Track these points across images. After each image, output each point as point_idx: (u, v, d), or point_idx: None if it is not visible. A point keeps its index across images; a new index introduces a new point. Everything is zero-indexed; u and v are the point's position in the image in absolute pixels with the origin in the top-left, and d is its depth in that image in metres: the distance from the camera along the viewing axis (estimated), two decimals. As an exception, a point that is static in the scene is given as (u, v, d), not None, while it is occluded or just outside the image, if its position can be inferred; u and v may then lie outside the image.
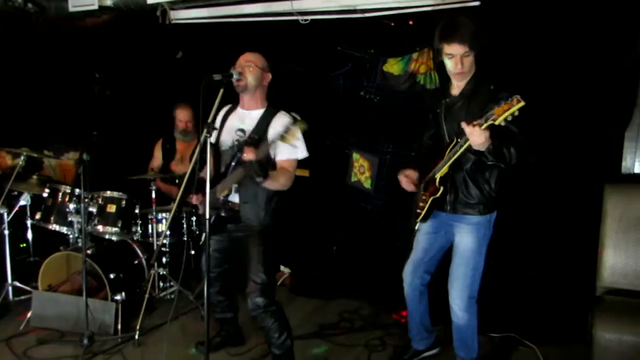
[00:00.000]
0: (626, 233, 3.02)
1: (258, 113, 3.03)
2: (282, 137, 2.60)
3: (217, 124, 3.09)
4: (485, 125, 2.50)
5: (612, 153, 3.47)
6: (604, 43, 3.38)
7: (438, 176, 2.89)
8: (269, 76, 3.06)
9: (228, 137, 3.05)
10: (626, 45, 3.36)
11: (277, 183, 2.87)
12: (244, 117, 3.06)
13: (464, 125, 2.57)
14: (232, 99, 3.11)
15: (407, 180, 3.06)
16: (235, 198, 3.00)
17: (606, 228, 3.07)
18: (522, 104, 2.38)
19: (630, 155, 3.44)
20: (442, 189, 2.88)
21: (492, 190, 2.85)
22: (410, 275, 3.18)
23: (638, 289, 2.97)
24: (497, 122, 2.46)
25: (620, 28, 3.35)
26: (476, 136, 2.53)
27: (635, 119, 3.39)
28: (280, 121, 2.94)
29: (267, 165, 2.76)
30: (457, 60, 2.73)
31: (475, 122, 2.53)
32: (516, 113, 2.41)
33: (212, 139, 2.95)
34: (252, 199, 2.97)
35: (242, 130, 2.99)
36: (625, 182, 3.34)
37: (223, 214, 2.99)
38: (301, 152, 2.97)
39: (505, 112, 2.42)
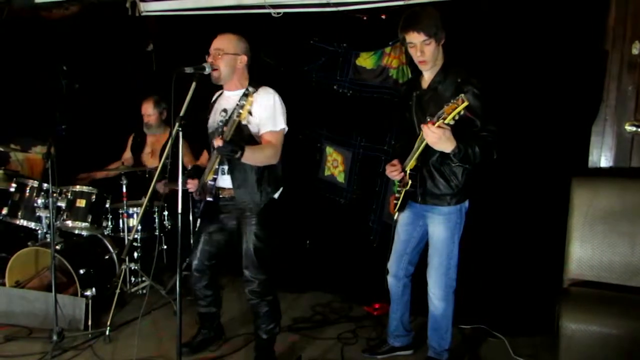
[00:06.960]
0: (592, 226, 3.07)
1: (238, 93, 2.99)
2: (239, 114, 2.58)
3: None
4: (437, 123, 2.55)
5: (579, 147, 3.54)
6: (571, 39, 3.44)
7: (408, 169, 2.92)
8: (245, 58, 3.02)
9: (214, 120, 3.05)
10: (593, 41, 3.43)
11: (260, 155, 2.87)
12: (228, 98, 3.06)
13: (422, 126, 2.63)
14: (206, 92, 3.11)
15: (393, 168, 3.02)
16: (222, 183, 3.02)
17: (573, 221, 3.12)
18: (466, 103, 2.46)
19: (596, 150, 3.51)
20: (410, 181, 2.92)
21: (460, 182, 2.89)
22: (395, 266, 3.21)
23: (603, 280, 3.03)
24: (446, 121, 2.52)
25: (587, 24, 3.42)
26: (430, 135, 2.58)
27: (601, 114, 3.46)
28: (258, 98, 2.88)
29: (240, 141, 2.72)
30: (416, 48, 2.79)
31: (429, 121, 2.58)
32: (462, 112, 2.48)
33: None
34: (243, 182, 2.97)
35: (225, 111, 2.98)
36: (591, 175, 3.41)
37: (209, 199, 2.99)
38: (280, 124, 2.95)
39: (453, 112, 2.48)
